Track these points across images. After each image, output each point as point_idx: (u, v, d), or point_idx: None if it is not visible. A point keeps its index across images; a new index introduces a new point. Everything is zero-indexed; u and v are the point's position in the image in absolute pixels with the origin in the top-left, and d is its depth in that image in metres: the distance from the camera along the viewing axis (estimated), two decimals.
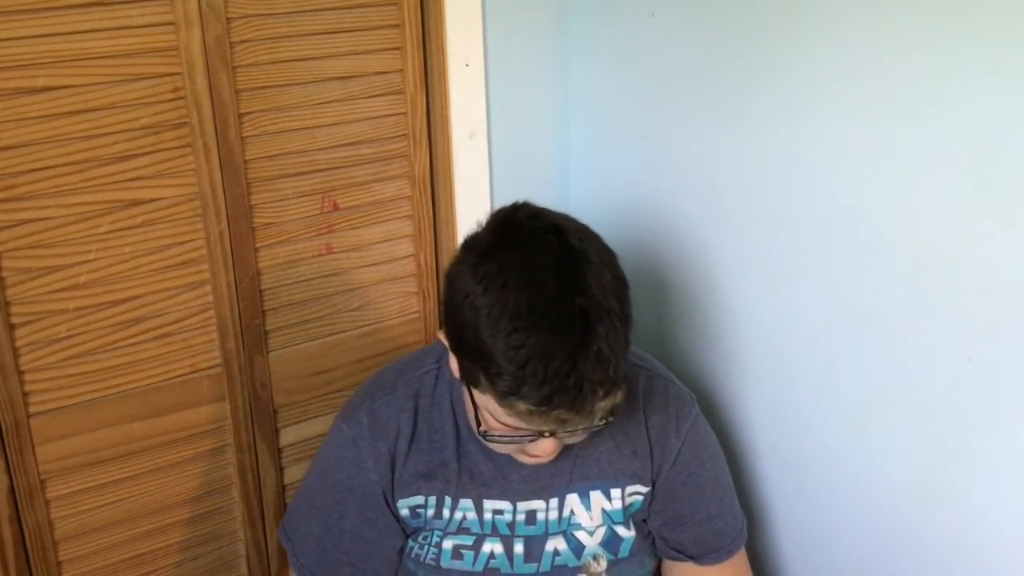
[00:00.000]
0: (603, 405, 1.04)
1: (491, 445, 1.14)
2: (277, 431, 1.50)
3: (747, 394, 1.42)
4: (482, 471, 1.22)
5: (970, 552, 1.16)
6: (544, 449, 1.11)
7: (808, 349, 1.30)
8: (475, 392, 1.08)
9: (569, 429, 1.06)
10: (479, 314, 1.02)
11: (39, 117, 1.21)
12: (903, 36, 1.08)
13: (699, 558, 1.28)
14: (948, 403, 1.14)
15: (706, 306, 1.44)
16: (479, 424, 1.11)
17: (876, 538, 1.27)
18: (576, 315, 1.01)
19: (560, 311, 1.01)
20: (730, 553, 1.29)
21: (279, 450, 1.51)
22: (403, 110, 1.47)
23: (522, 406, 1.01)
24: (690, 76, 1.37)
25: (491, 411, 1.07)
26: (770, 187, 1.29)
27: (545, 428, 1.06)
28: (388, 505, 1.23)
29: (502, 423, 1.07)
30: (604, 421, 1.09)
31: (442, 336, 1.12)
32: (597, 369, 1.01)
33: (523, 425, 1.05)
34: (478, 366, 1.04)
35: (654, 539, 1.30)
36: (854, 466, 1.28)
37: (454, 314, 1.06)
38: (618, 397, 1.06)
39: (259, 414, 1.47)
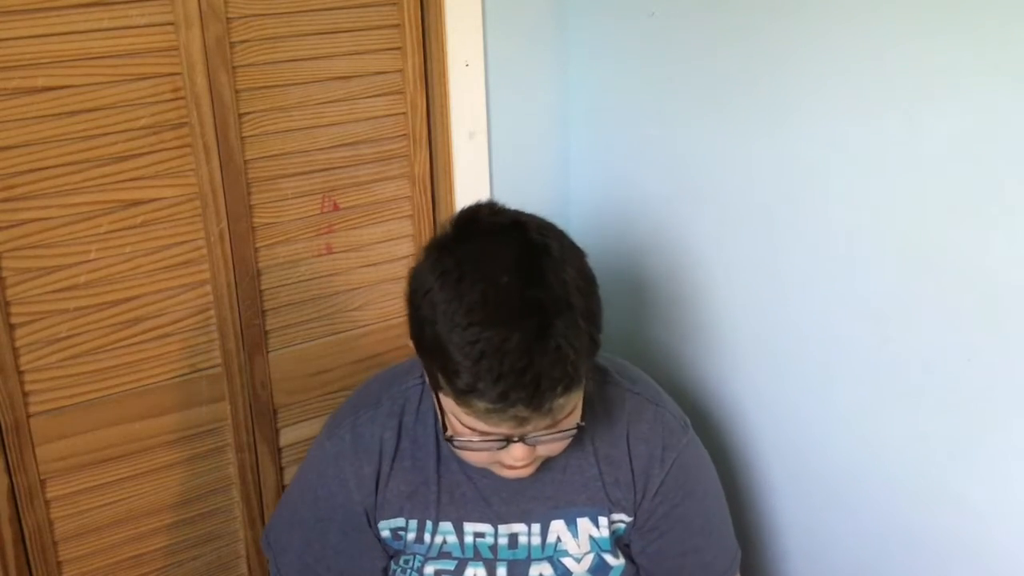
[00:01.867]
0: (562, 403, 1.00)
1: (459, 452, 1.11)
2: (277, 431, 1.50)
3: (747, 395, 1.41)
4: (463, 492, 1.18)
5: (969, 551, 1.16)
6: (516, 457, 1.06)
7: (808, 349, 1.30)
8: (440, 396, 1.05)
9: (531, 430, 1.03)
10: (436, 310, 0.99)
11: (39, 117, 1.21)
12: (902, 35, 1.08)
13: None
14: (948, 403, 1.14)
15: (706, 305, 1.44)
16: (446, 429, 1.08)
17: (876, 538, 1.27)
18: (533, 309, 0.97)
19: (515, 305, 0.97)
20: None
21: (279, 450, 1.51)
22: (403, 110, 1.47)
23: (480, 404, 0.98)
24: (690, 76, 1.37)
25: (454, 413, 1.04)
26: (770, 186, 1.29)
27: (505, 428, 1.02)
28: (370, 526, 1.20)
29: (466, 427, 1.04)
30: (576, 427, 1.06)
31: (411, 342, 1.09)
32: (556, 365, 0.97)
33: (484, 427, 1.02)
34: (436, 365, 1.01)
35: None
36: (853, 466, 1.27)
37: (415, 312, 1.04)
38: (578, 395, 1.03)
39: (259, 414, 1.47)
